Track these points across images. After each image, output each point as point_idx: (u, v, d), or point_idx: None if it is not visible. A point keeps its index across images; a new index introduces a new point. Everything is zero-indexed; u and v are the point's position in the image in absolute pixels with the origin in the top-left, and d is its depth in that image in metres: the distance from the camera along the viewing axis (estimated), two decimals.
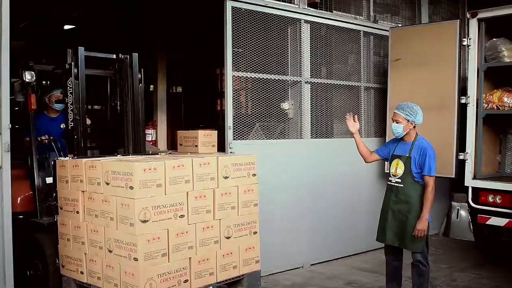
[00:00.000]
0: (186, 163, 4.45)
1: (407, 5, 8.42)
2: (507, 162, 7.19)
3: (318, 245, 6.85)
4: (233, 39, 5.91)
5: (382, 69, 7.69)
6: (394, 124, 4.94)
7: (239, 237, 4.86)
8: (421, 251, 4.88)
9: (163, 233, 4.24)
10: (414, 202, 4.86)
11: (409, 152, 4.91)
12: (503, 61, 6.46)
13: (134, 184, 4.07)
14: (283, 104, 6.48)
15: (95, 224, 4.45)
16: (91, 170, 4.48)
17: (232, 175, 4.81)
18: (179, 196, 4.38)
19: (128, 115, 5.65)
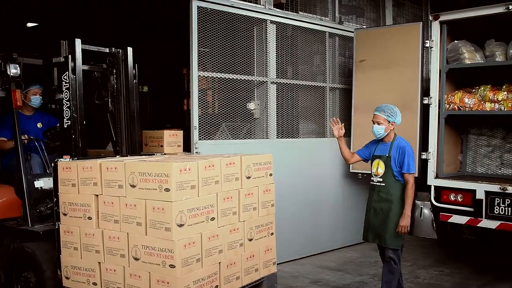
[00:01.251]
0: (216, 163, 4.22)
1: (372, 7, 8.53)
2: (468, 161, 7.34)
3: (284, 245, 6.86)
4: (199, 39, 5.90)
5: (347, 70, 7.77)
6: (376, 126, 5.02)
7: (260, 239, 4.71)
8: (397, 249, 4.98)
9: (197, 237, 3.98)
10: (395, 200, 4.96)
11: (388, 152, 5.02)
12: (464, 62, 6.59)
13: (170, 186, 3.78)
14: (249, 104, 6.49)
15: (114, 230, 4.11)
16: (110, 172, 4.13)
17: (254, 175, 4.63)
18: (210, 198, 4.15)
19: (122, 113, 5.40)
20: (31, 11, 8.88)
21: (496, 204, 6.10)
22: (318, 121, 7.47)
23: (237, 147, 6.27)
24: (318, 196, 7.36)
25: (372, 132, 5.08)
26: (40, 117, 6.03)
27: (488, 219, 6.12)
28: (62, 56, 4.91)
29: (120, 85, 5.38)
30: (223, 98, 6.26)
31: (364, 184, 7.78)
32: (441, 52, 6.67)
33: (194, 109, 5.88)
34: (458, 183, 6.45)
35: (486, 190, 6.15)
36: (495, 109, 6.38)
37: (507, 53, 6.50)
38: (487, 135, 7.21)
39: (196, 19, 5.85)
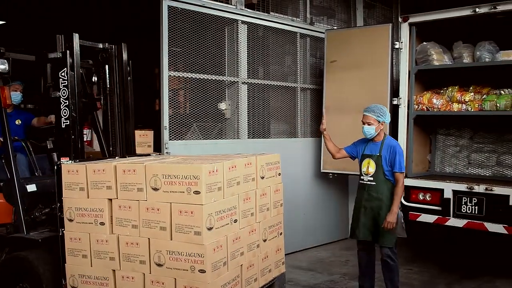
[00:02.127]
0: (237, 163, 4.13)
1: (343, 8, 8.59)
2: (436, 161, 7.45)
3: None
4: (171, 39, 5.87)
5: (318, 71, 7.81)
6: (366, 127, 5.07)
7: (272, 239, 4.67)
8: (391, 247, 5.05)
9: (224, 240, 3.89)
10: (385, 199, 5.03)
11: (379, 151, 5.07)
12: (432, 64, 6.69)
13: (200, 189, 3.65)
14: (220, 105, 6.48)
15: (132, 235, 3.93)
16: (127, 175, 3.94)
17: (266, 175, 4.58)
18: (233, 199, 4.06)
19: (115, 111, 5.22)
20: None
21: (463, 203, 6.22)
22: (289, 121, 7.49)
23: (208, 147, 6.26)
24: (289, 196, 7.33)
25: (363, 132, 5.13)
26: (18, 114, 5.88)
27: (455, 218, 6.24)
28: (58, 51, 4.69)
29: (113, 82, 5.20)
30: (194, 98, 6.23)
31: (335, 184, 7.87)
32: (410, 54, 6.76)
33: (165, 109, 5.85)
34: (426, 183, 6.55)
35: (454, 189, 6.27)
36: (462, 109, 6.49)
37: (474, 54, 6.62)
38: (455, 135, 7.33)
39: (166, 18, 5.82)
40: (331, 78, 7.39)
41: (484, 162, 7.06)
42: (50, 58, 4.75)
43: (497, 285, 5.99)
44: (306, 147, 7.61)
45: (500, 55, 6.36)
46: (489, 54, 6.46)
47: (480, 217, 6.09)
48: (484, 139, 7.13)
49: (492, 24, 6.61)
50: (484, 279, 6.20)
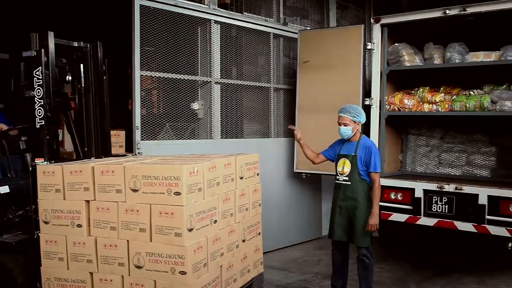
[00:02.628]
0: (217, 164, 4.12)
1: (316, 9, 8.64)
2: (408, 161, 7.54)
3: None
4: (143, 38, 5.83)
5: (292, 71, 7.84)
6: (343, 127, 5.09)
7: (250, 239, 4.68)
8: (367, 246, 5.10)
9: (204, 241, 3.88)
10: (361, 199, 5.07)
11: (354, 151, 5.10)
12: (404, 65, 6.76)
13: (181, 190, 3.63)
14: (193, 105, 6.45)
15: (111, 237, 3.88)
16: (105, 176, 3.88)
17: (245, 175, 4.58)
18: (214, 200, 4.05)
19: (90, 111, 5.13)
20: None
21: (434, 202, 6.30)
22: (262, 121, 7.50)
23: (181, 147, 6.23)
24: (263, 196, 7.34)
25: (339, 133, 5.16)
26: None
27: (426, 217, 6.32)
28: (33, 50, 4.61)
29: (89, 81, 5.13)
30: (167, 98, 6.19)
31: (308, 184, 7.90)
32: (382, 54, 6.83)
33: (136, 109, 5.81)
34: (398, 182, 6.62)
35: (425, 188, 6.35)
36: (433, 110, 6.58)
37: (444, 56, 6.71)
38: (425, 135, 7.44)
39: (138, 18, 5.77)
40: (304, 78, 7.42)
41: (454, 162, 7.17)
42: (24, 57, 4.69)
43: (466, 282, 6.10)
44: (280, 147, 7.62)
45: (470, 56, 6.47)
46: (459, 56, 6.56)
47: (450, 216, 6.18)
48: (454, 139, 7.25)
49: (462, 26, 6.72)
50: (454, 277, 6.30)
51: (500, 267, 6.62)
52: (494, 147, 6.94)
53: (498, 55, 6.26)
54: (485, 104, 6.17)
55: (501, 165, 6.87)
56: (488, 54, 6.36)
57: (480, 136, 7.06)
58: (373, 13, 9.41)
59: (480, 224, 5.90)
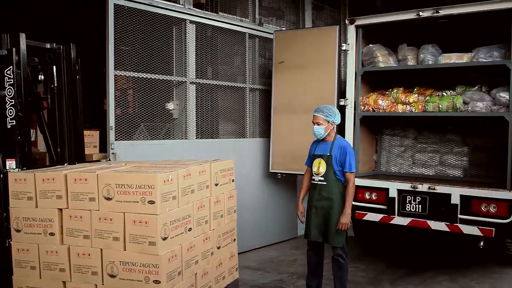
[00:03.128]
0: (192, 171, 4.12)
1: (292, 10, 8.66)
2: (382, 161, 7.62)
3: None
4: (118, 38, 5.77)
5: (267, 71, 7.84)
6: (316, 127, 5.10)
7: (225, 246, 4.69)
8: (342, 246, 5.11)
9: (179, 249, 3.87)
10: (336, 199, 5.07)
11: (330, 151, 5.11)
12: (378, 66, 6.83)
13: (155, 198, 3.62)
14: (168, 105, 6.41)
15: (84, 246, 3.86)
16: (79, 184, 3.87)
17: (220, 182, 4.59)
18: (188, 207, 4.05)
19: (63, 112, 5.06)
20: None
21: (407, 202, 6.37)
22: (238, 121, 7.49)
23: (156, 147, 6.19)
24: (238, 196, 7.31)
25: (313, 133, 5.16)
26: None
27: (400, 216, 6.39)
28: (4, 49, 4.56)
29: (61, 81, 5.09)
30: (142, 98, 6.14)
31: (284, 184, 7.92)
32: (356, 55, 6.88)
33: (110, 109, 5.75)
34: (372, 182, 6.68)
35: (399, 188, 6.41)
36: (406, 111, 6.65)
37: (418, 57, 6.79)
38: (399, 135, 7.52)
39: (112, 17, 5.71)
40: (280, 79, 7.43)
41: (428, 162, 7.27)
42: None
43: (439, 281, 6.17)
44: (255, 147, 7.63)
45: (443, 58, 6.56)
46: (432, 57, 6.65)
47: (423, 215, 6.25)
48: (427, 139, 7.35)
49: (435, 28, 6.81)
50: (428, 275, 6.37)
51: (472, 265, 6.73)
52: (467, 147, 7.05)
53: (470, 57, 6.36)
54: (458, 105, 6.26)
55: (473, 165, 6.98)
56: (461, 56, 6.47)
57: (453, 136, 7.17)
58: (348, 14, 9.47)
59: (452, 223, 5.98)
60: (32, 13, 8.35)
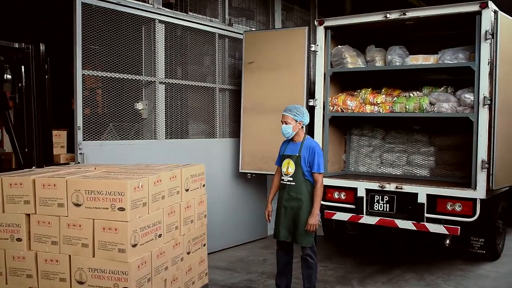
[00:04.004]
0: (163, 177, 4.09)
1: (262, 10, 8.68)
2: (351, 161, 7.71)
3: None
4: (86, 37, 5.70)
5: (237, 71, 7.85)
6: (284, 126, 5.12)
7: (195, 251, 4.67)
8: (311, 246, 5.13)
9: (148, 256, 3.84)
10: (305, 199, 5.09)
11: (298, 152, 5.12)
12: (346, 66, 6.91)
13: (125, 205, 3.60)
14: (137, 104, 6.36)
15: (52, 252, 3.82)
16: (47, 189, 3.82)
17: (191, 187, 4.57)
18: (158, 214, 4.02)
19: (31, 112, 4.96)
20: None
21: (375, 201, 6.46)
22: (208, 121, 7.48)
23: (125, 148, 6.14)
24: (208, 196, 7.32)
25: (281, 132, 5.18)
26: None
27: (368, 215, 6.47)
28: None
29: (30, 81, 5.00)
30: (110, 97, 6.08)
31: (254, 184, 7.94)
32: (325, 56, 6.94)
33: (78, 109, 5.67)
34: (341, 182, 6.74)
35: (367, 188, 6.49)
36: (374, 111, 6.74)
37: (385, 58, 6.90)
38: (368, 136, 7.62)
39: (80, 15, 5.64)
40: (249, 79, 7.44)
41: (395, 162, 7.38)
42: None
43: (406, 279, 6.26)
44: (225, 147, 7.62)
45: (409, 59, 6.68)
46: (399, 58, 6.76)
47: (391, 214, 6.35)
48: (395, 139, 7.47)
49: (403, 30, 6.92)
50: (396, 273, 6.47)
51: (439, 263, 6.86)
52: (433, 147, 7.19)
53: (436, 59, 6.49)
54: (424, 105, 6.38)
55: (439, 165, 7.12)
56: (427, 58, 6.59)
57: (419, 136, 7.30)
58: (317, 15, 9.54)
59: (419, 222, 6.09)
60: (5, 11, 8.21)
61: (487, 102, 5.79)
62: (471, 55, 6.18)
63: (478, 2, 5.82)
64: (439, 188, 6.09)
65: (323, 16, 7.84)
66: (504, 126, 5.98)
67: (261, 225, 8.20)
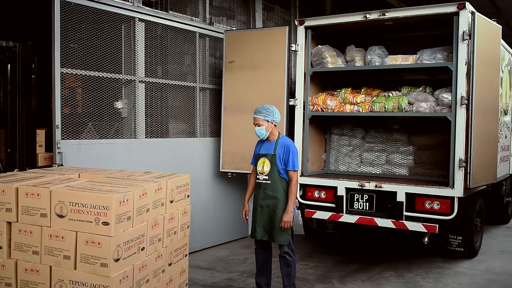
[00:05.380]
0: (148, 190, 4.04)
1: (243, 10, 8.68)
2: (331, 160, 7.75)
3: None
4: (65, 35, 5.65)
5: (218, 71, 7.84)
6: (257, 128, 5.15)
7: (177, 262, 4.62)
8: (288, 243, 5.14)
9: (130, 270, 3.78)
10: (280, 197, 5.10)
11: (273, 150, 5.14)
12: (326, 66, 6.94)
13: (110, 220, 3.53)
14: (116, 103, 6.32)
15: (33, 262, 3.75)
16: (30, 198, 3.75)
17: (175, 199, 4.53)
18: (142, 227, 3.96)
19: (16, 111, 4.91)
20: None
21: (355, 200, 6.51)
22: (188, 121, 7.46)
23: (104, 147, 6.10)
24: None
25: (256, 134, 5.20)
26: None
27: (348, 214, 6.52)
28: None
29: (16, 81, 4.95)
30: (90, 96, 6.03)
31: (234, 183, 7.94)
32: (305, 56, 6.97)
33: (56, 107, 5.61)
34: (321, 181, 6.79)
35: (347, 186, 6.54)
36: (354, 111, 6.79)
37: (365, 58, 6.95)
38: (348, 135, 7.67)
39: (59, 13, 5.59)
40: (230, 78, 7.44)
41: (375, 161, 7.44)
42: None
43: (386, 276, 6.32)
44: (205, 146, 7.61)
45: (389, 59, 6.74)
46: (378, 58, 6.82)
47: (370, 213, 6.41)
48: (374, 139, 7.53)
49: (382, 31, 6.99)
50: (375, 271, 6.52)
51: (417, 261, 6.93)
52: (412, 146, 7.26)
53: (415, 59, 6.56)
54: (403, 105, 6.44)
55: (418, 164, 7.19)
56: (406, 58, 6.67)
57: (399, 136, 7.37)
58: (298, 15, 9.57)
59: (398, 220, 6.15)
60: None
61: (464, 101, 5.88)
62: (449, 56, 6.26)
63: (456, 3, 5.91)
64: (417, 186, 6.16)
65: (303, 16, 7.85)
66: (481, 126, 6.07)
67: (242, 224, 8.19)
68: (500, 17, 8.86)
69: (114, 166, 6.15)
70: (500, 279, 6.27)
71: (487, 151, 6.43)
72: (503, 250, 7.72)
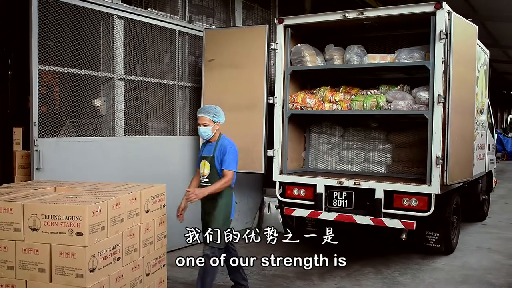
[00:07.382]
0: (122, 200, 4.05)
1: (222, 8, 8.68)
2: (310, 158, 7.79)
3: None
4: (43, 31, 5.60)
5: (197, 69, 7.83)
6: (202, 128, 5.02)
7: (155, 272, 4.61)
8: (217, 247, 4.97)
9: (106, 280, 3.78)
10: (219, 199, 5.05)
11: (213, 152, 5.06)
12: (306, 65, 6.98)
13: (83, 230, 3.56)
14: (95, 101, 6.27)
15: (7, 277, 3.74)
16: (3, 213, 3.75)
17: (151, 208, 4.53)
18: (117, 237, 3.98)
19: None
20: None
21: (334, 197, 6.55)
22: (167, 119, 7.44)
23: (82, 144, 6.05)
24: (168, 194, 7.27)
25: (200, 134, 5.11)
26: None
27: (327, 212, 6.56)
28: None
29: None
30: (68, 93, 5.98)
31: None
32: (285, 55, 7.00)
33: (34, 105, 5.56)
34: (300, 179, 6.82)
35: (326, 184, 6.58)
36: (333, 109, 6.84)
37: (344, 57, 7.00)
38: (327, 133, 7.72)
39: (36, 9, 5.53)
40: (209, 77, 7.43)
41: (354, 159, 7.50)
42: None
43: (365, 273, 6.38)
44: (184, 145, 7.59)
45: (367, 58, 6.80)
46: (357, 57, 6.88)
47: (349, 210, 6.46)
48: (353, 137, 7.59)
49: (361, 29, 7.04)
50: (354, 268, 6.57)
51: (396, 257, 7.00)
52: (390, 144, 7.34)
53: (393, 58, 6.63)
54: (381, 103, 6.50)
55: (396, 161, 7.27)
56: (384, 57, 6.73)
57: (377, 134, 7.44)
58: (278, 14, 9.60)
59: (376, 217, 6.21)
60: None
61: (441, 100, 5.95)
62: (426, 55, 6.34)
63: (433, 3, 5.98)
64: (395, 184, 6.23)
65: (283, 15, 7.89)
66: (457, 124, 6.15)
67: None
68: (476, 18, 9.00)
69: (92, 163, 6.13)
70: (476, 275, 6.37)
71: (463, 149, 6.52)
72: (479, 246, 7.84)
